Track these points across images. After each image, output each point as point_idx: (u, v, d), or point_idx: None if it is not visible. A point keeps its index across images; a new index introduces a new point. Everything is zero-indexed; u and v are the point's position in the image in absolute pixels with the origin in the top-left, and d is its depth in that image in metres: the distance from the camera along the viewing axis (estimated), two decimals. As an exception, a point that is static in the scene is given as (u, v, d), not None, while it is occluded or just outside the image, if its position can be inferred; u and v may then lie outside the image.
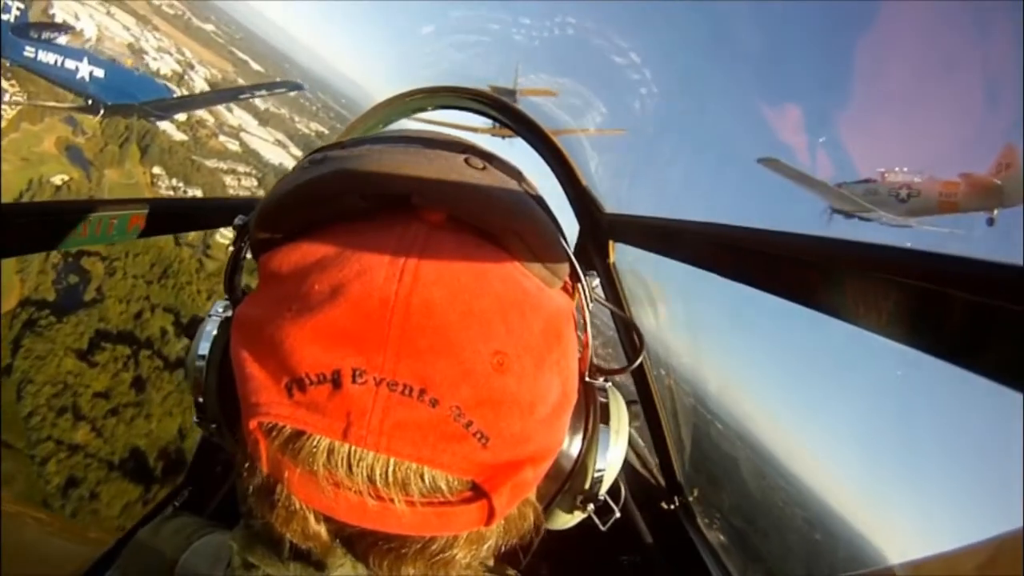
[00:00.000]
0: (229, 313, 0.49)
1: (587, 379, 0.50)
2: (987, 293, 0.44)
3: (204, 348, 0.48)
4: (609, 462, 0.49)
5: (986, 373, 0.44)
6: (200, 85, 38.99)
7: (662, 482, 1.63)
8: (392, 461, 0.35)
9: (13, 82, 23.14)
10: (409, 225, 0.38)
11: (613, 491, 0.51)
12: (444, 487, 0.37)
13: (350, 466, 0.36)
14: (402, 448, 0.35)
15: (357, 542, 0.41)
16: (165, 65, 38.79)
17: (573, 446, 0.47)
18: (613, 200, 1.83)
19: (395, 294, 0.35)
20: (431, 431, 0.34)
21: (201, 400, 0.48)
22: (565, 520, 0.51)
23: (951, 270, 0.48)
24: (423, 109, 2.09)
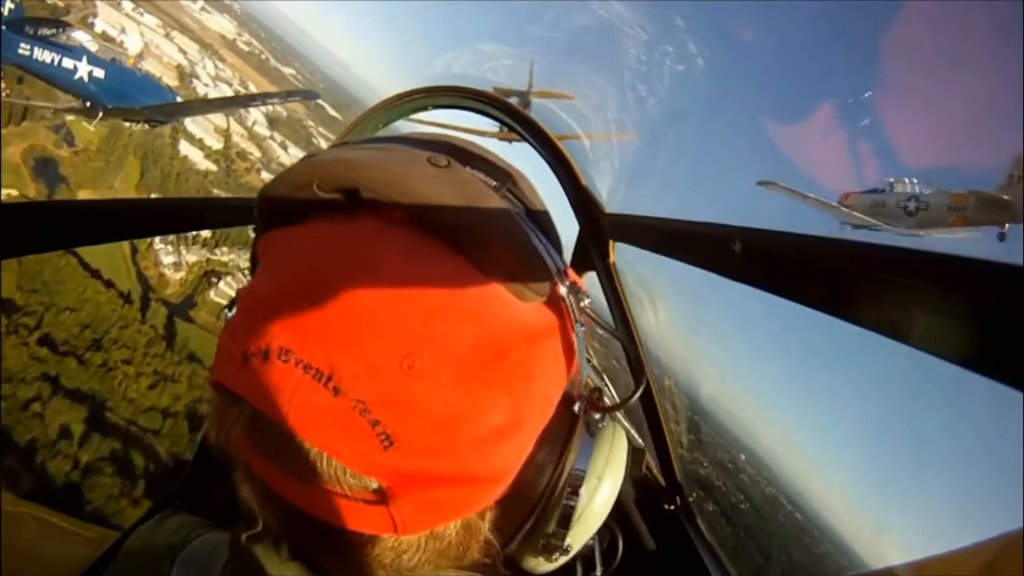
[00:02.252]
0: None
1: (578, 409, 0.45)
2: (987, 293, 0.44)
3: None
4: (589, 508, 0.45)
5: (986, 373, 0.44)
6: (258, 118, 39.05)
7: (662, 482, 1.63)
8: (298, 439, 0.37)
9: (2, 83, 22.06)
10: (363, 219, 0.40)
11: (611, 541, 0.48)
12: (346, 479, 0.37)
13: (266, 435, 0.38)
14: (304, 429, 0.36)
15: (298, 517, 0.40)
16: (217, 93, 38.84)
17: (540, 482, 0.43)
18: (613, 200, 1.83)
19: (326, 282, 0.36)
20: (331, 419, 0.35)
21: None
22: (536, 564, 0.47)
23: (952, 270, 0.48)
24: (422, 109, 2.09)
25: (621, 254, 1.74)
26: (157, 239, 30.17)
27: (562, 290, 0.43)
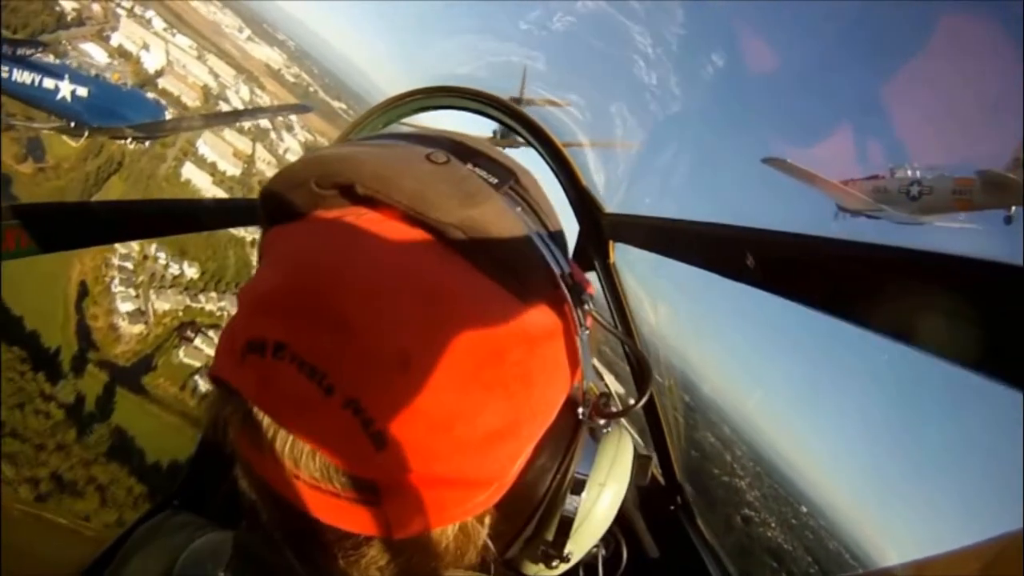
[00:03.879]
0: None
1: (581, 414, 0.44)
2: (988, 292, 0.44)
3: None
4: (591, 516, 0.44)
5: (987, 372, 0.44)
6: (292, 146, 38.57)
7: (662, 482, 1.63)
8: (290, 435, 0.37)
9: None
10: (359, 215, 0.39)
11: (615, 549, 0.48)
12: (335, 477, 0.36)
13: (259, 427, 0.38)
14: (296, 426, 0.36)
15: (297, 517, 0.40)
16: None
17: (541, 488, 0.42)
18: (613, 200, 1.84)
19: (320, 278, 0.37)
20: (320, 415, 0.35)
21: None
22: (537, 572, 0.46)
23: (953, 270, 0.48)
24: (422, 110, 2.09)
25: (621, 254, 1.74)
26: (117, 280, 26.57)
27: (565, 291, 0.42)
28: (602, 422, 0.45)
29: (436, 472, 0.36)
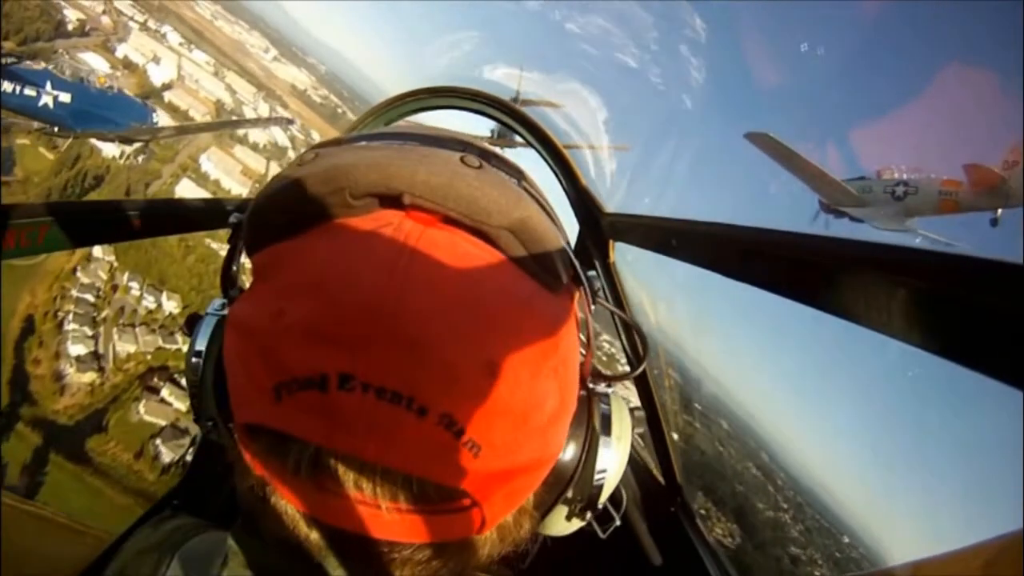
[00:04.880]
0: (226, 311, 0.48)
1: (589, 385, 0.48)
2: (989, 292, 0.44)
3: (201, 345, 0.47)
4: (609, 470, 0.47)
5: (987, 372, 0.44)
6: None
7: (662, 482, 1.63)
8: (380, 468, 0.35)
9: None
10: (401, 226, 0.37)
11: (615, 499, 0.50)
12: (434, 495, 0.36)
13: (336, 472, 0.35)
14: (389, 456, 0.34)
15: (350, 547, 0.40)
16: (264, 137, 38.17)
17: (572, 454, 0.46)
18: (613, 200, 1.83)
19: (385, 298, 0.33)
20: (419, 440, 0.34)
21: (197, 397, 0.47)
22: (563, 528, 0.50)
23: (954, 269, 0.48)
24: (421, 111, 2.09)
25: (621, 254, 1.74)
26: (71, 316, 22.12)
27: (584, 281, 0.45)
28: (605, 387, 0.49)
29: (518, 462, 0.38)
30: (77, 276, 24.71)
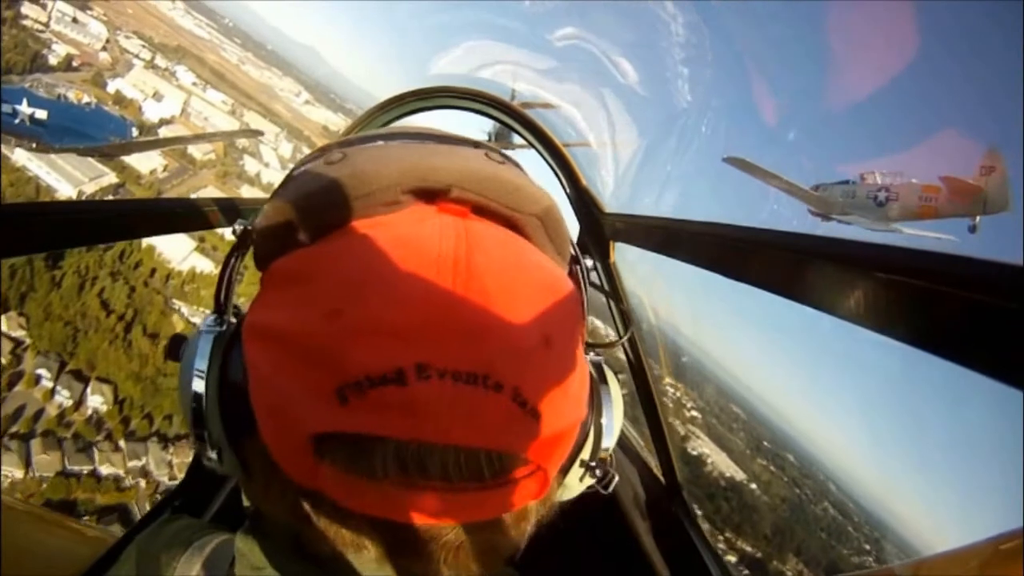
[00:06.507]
0: (222, 327, 0.45)
1: (587, 352, 0.52)
2: (989, 292, 0.44)
3: (201, 364, 0.42)
4: (613, 428, 0.51)
5: (987, 371, 0.44)
6: None
7: (662, 482, 1.63)
8: (463, 451, 0.35)
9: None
10: (440, 218, 0.38)
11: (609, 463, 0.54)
12: (510, 467, 0.37)
13: (423, 464, 0.34)
14: (474, 436, 0.35)
15: (418, 540, 0.39)
16: (275, 171, 38.21)
17: (586, 415, 0.49)
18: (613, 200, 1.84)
19: (444, 286, 0.35)
20: (498, 415, 0.35)
21: (200, 421, 0.43)
22: (576, 488, 0.52)
23: (955, 269, 0.48)
24: (422, 111, 2.09)
25: (621, 254, 1.74)
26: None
27: (582, 261, 0.49)
28: (594, 355, 0.53)
29: (564, 425, 0.40)
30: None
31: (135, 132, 26.29)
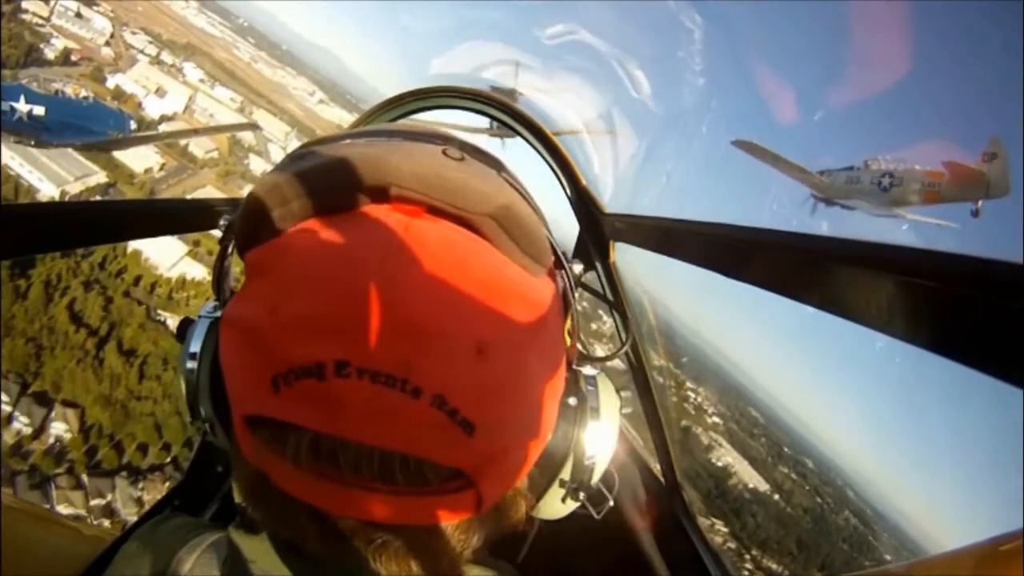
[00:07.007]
0: (219, 313, 0.49)
1: (575, 367, 0.50)
2: (989, 291, 0.44)
3: (195, 346, 0.48)
4: (600, 450, 0.49)
5: (988, 371, 0.44)
6: None
7: (662, 482, 1.63)
8: (378, 451, 0.36)
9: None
10: (388, 217, 0.38)
11: (607, 480, 0.51)
12: (430, 475, 0.37)
13: (336, 457, 0.36)
14: (386, 437, 0.35)
15: (348, 535, 0.41)
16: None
17: (563, 434, 0.47)
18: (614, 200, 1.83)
19: (374, 286, 0.35)
20: (414, 420, 0.35)
21: (193, 399, 0.48)
22: (558, 510, 0.51)
23: (955, 268, 0.48)
24: (422, 110, 2.09)
25: (621, 254, 1.74)
26: None
27: (567, 266, 0.47)
28: (588, 368, 0.51)
29: (511, 441, 0.39)
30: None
31: (133, 125, 26.23)
